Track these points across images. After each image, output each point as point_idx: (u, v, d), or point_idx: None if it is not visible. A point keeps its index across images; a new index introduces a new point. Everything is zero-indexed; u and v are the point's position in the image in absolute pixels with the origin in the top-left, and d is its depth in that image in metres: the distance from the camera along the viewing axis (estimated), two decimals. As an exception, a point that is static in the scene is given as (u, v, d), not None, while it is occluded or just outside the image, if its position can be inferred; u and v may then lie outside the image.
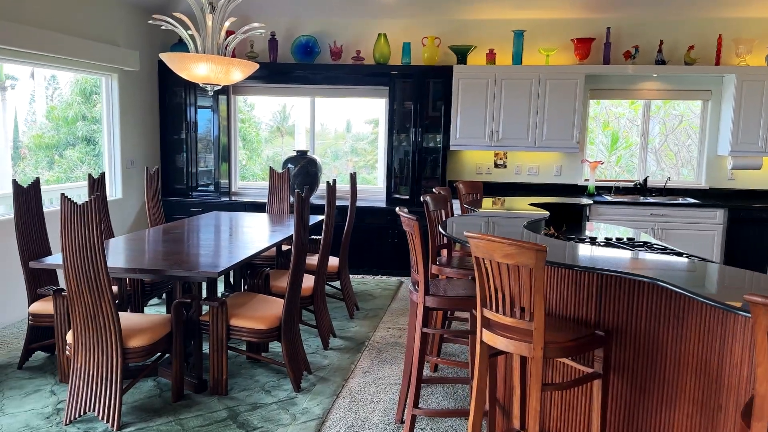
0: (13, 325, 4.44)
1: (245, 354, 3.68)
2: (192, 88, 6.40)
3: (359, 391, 3.47)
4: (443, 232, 3.01)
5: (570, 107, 6.00)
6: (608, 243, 3.38)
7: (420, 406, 3.23)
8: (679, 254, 3.06)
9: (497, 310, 2.29)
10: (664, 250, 3.19)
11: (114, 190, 6.08)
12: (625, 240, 3.50)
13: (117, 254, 3.54)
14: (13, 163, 5.05)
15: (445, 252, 3.73)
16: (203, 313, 3.46)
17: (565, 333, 2.33)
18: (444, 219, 3.77)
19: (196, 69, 3.99)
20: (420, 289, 2.80)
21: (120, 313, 3.29)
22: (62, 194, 2.86)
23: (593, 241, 3.44)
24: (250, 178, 7.14)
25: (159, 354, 3.43)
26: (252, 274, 3.95)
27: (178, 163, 6.66)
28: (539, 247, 2.09)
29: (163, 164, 6.68)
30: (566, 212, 4.54)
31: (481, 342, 2.38)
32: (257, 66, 4.26)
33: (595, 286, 2.53)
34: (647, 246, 3.33)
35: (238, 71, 4.12)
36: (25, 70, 5.17)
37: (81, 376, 3.01)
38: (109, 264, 3.22)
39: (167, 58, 3.99)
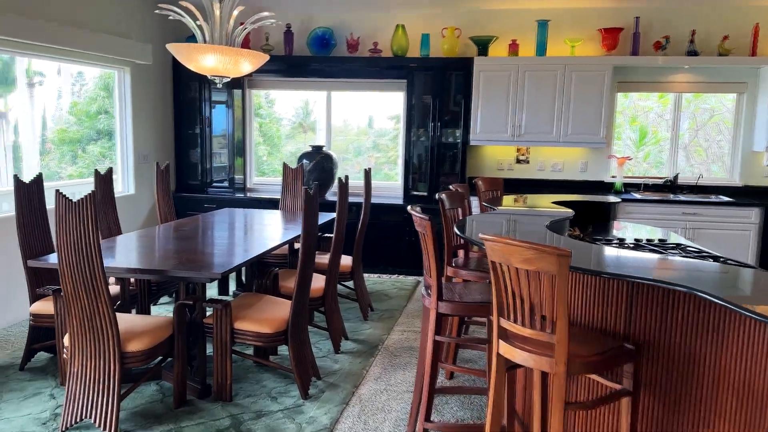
0: (19, 324, 4.36)
1: (251, 358, 3.52)
2: (206, 82, 6.27)
3: (370, 399, 3.29)
4: (458, 233, 2.81)
5: (597, 100, 5.73)
6: (638, 245, 3.14)
7: (433, 418, 3.03)
8: (716, 258, 2.82)
9: (515, 320, 2.08)
10: (699, 254, 2.94)
11: (127, 186, 5.98)
12: (656, 242, 3.26)
13: (120, 252, 3.41)
14: (40, 158, 5.15)
15: (461, 253, 3.53)
16: (207, 314, 3.31)
17: (590, 346, 2.12)
18: (461, 218, 3.56)
19: (204, 60, 3.83)
20: (433, 294, 2.61)
21: (119, 314, 3.16)
22: (57, 191, 2.72)
23: (621, 243, 3.21)
24: (270, 174, 7.00)
25: (161, 357, 3.29)
26: (260, 273, 3.79)
27: (192, 158, 6.55)
28: (562, 252, 1.88)
29: (177, 160, 6.57)
30: (592, 211, 4.30)
31: (498, 355, 2.18)
32: (267, 57, 4.09)
33: (625, 293, 2.31)
34: (680, 248, 3.08)
35: (247, 62, 3.95)
36: (52, 66, 5.21)
37: (78, 381, 2.88)
38: (109, 263, 3.08)
39: (174, 48, 3.85)
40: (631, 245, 3.13)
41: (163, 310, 4.73)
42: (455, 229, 2.82)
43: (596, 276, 2.31)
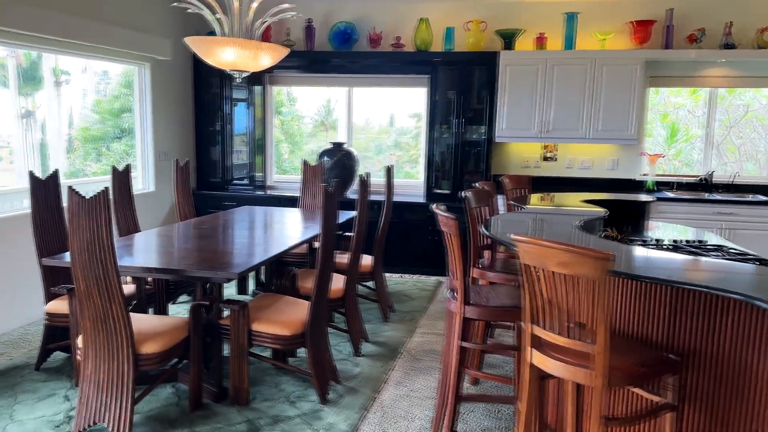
0: (36, 323, 4.30)
1: (268, 361, 3.41)
2: (227, 78, 6.19)
3: (391, 405, 3.16)
4: (486, 233, 2.66)
5: (627, 95, 5.53)
6: (676, 246, 2.96)
7: (458, 428, 2.89)
8: (762, 261, 2.63)
9: (549, 328, 1.94)
10: (743, 256, 2.75)
11: (147, 183, 5.93)
12: (695, 243, 3.07)
13: (136, 251, 3.33)
14: (66, 156, 5.23)
15: (487, 254, 3.37)
16: (224, 315, 3.21)
17: (630, 356, 1.96)
18: (487, 217, 3.41)
19: (223, 54, 3.74)
20: (458, 297, 2.47)
21: (134, 315, 3.07)
22: (69, 187, 2.64)
23: (658, 244, 3.02)
24: (291, 171, 6.91)
25: (177, 359, 3.20)
26: (278, 273, 3.68)
27: (212, 156, 6.48)
28: (603, 255, 1.73)
29: (197, 157, 6.50)
30: (624, 210, 4.11)
31: (530, 364, 2.03)
32: (287, 51, 3.98)
33: (667, 300, 2.14)
34: (722, 250, 2.89)
35: (267, 56, 3.85)
36: (78, 64, 5.26)
37: (91, 384, 2.79)
38: (124, 262, 2.99)
39: (192, 42, 3.76)
40: (670, 246, 2.95)
41: (181, 309, 4.65)
42: (482, 229, 2.67)
43: (636, 280, 2.14)
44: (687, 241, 3.12)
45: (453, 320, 2.57)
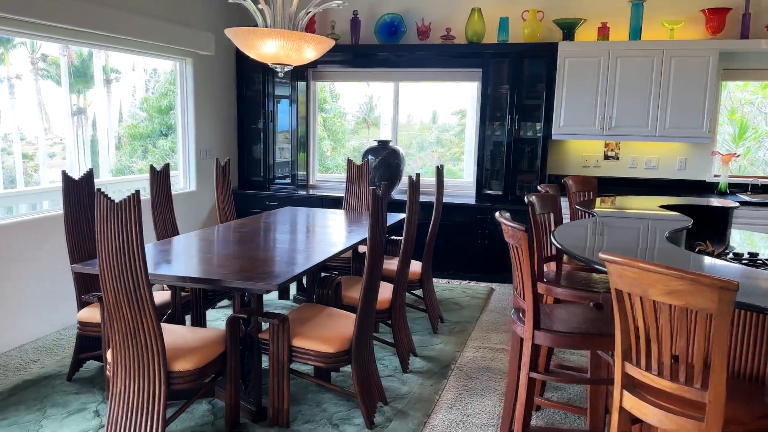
0: (72, 327, 4.16)
1: (310, 379, 3.15)
2: (270, 73, 5.97)
3: None
4: (558, 245, 2.32)
5: (699, 89, 5.06)
6: (777, 262, 2.56)
7: (522, 463, 2.56)
8: None
9: (647, 368, 1.60)
10: None
11: (188, 182, 5.77)
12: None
13: (172, 257, 3.11)
14: (115, 153, 5.33)
15: (553, 266, 3.03)
16: (264, 329, 2.96)
17: (751, 406, 1.61)
18: (552, 224, 3.06)
19: (264, 46, 3.49)
20: (527, 320, 2.14)
21: (168, 327, 2.86)
22: (98, 190, 2.43)
23: (754, 260, 2.62)
24: (334, 170, 6.67)
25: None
26: (321, 282, 3.42)
27: (255, 154, 6.29)
28: (726, 284, 1.39)
29: (239, 155, 6.32)
30: (703, 217, 3.69)
31: (621, 408, 1.70)
32: (333, 42, 3.71)
33: (788, 333, 1.77)
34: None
35: (310, 48, 3.58)
36: (127, 62, 5.29)
37: (120, 403, 2.58)
38: (157, 270, 2.78)
39: (233, 33, 3.53)
40: (769, 262, 2.55)
41: (221, 315, 4.46)
42: (554, 241, 2.34)
43: (760, 313, 1.78)
44: (788, 256, 2.71)
45: (519, 345, 2.25)
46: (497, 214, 2.35)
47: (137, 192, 2.38)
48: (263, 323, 2.92)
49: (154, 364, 2.52)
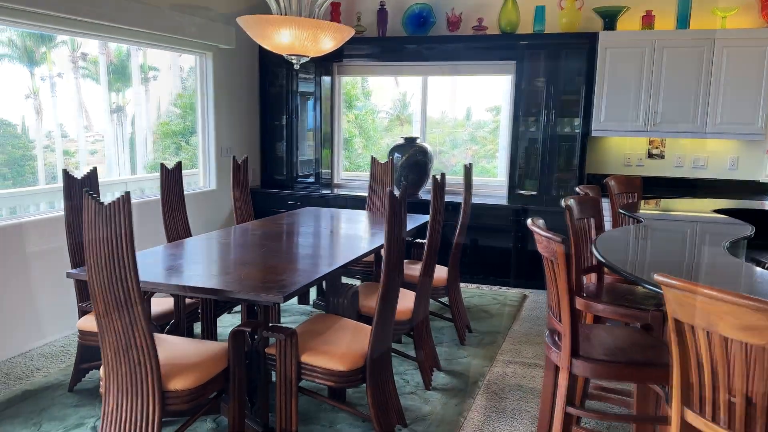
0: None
1: (321, 399, 2.90)
2: (294, 68, 5.74)
3: (468, 461, 2.57)
4: (604, 261, 2.00)
5: (754, 82, 4.65)
6: None
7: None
8: None
9: (712, 418, 1.29)
10: None
11: (208, 181, 5.59)
12: None
13: (176, 262, 2.90)
14: (151, 149, 5.54)
15: (593, 277, 2.71)
16: (271, 343, 2.72)
17: None
18: (593, 230, 2.74)
19: (278, 35, 3.25)
20: (564, 347, 1.84)
21: (166, 339, 2.64)
22: (85, 190, 2.21)
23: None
24: (364, 168, 6.42)
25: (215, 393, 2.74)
26: (336, 289, 3.16)
27: (278, 152, 6.07)
28: (824, 323, 1.07)
29: (261, 153, 6.12)
30: (758, 222, 3.30)
31: (679, 465, 1.39)
32: (352, 31, 3.45)
33: None
34: None
35: (328, 38, 3.33)
36: (164, 61, 5.34)
37: (112, 423, 2.37)
38: (152, 279, 2.56)
39: (245, 22, 3.30)
40: None
41: (237, 321, 4.24)
42: (597, 254, 2.03)
43: None
44: None
45: (554, 374, 1.95)
46: (529, 221, 2.05)
47: (127, 193, 2.16)
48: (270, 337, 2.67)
49: (148, 383, 2.30)
